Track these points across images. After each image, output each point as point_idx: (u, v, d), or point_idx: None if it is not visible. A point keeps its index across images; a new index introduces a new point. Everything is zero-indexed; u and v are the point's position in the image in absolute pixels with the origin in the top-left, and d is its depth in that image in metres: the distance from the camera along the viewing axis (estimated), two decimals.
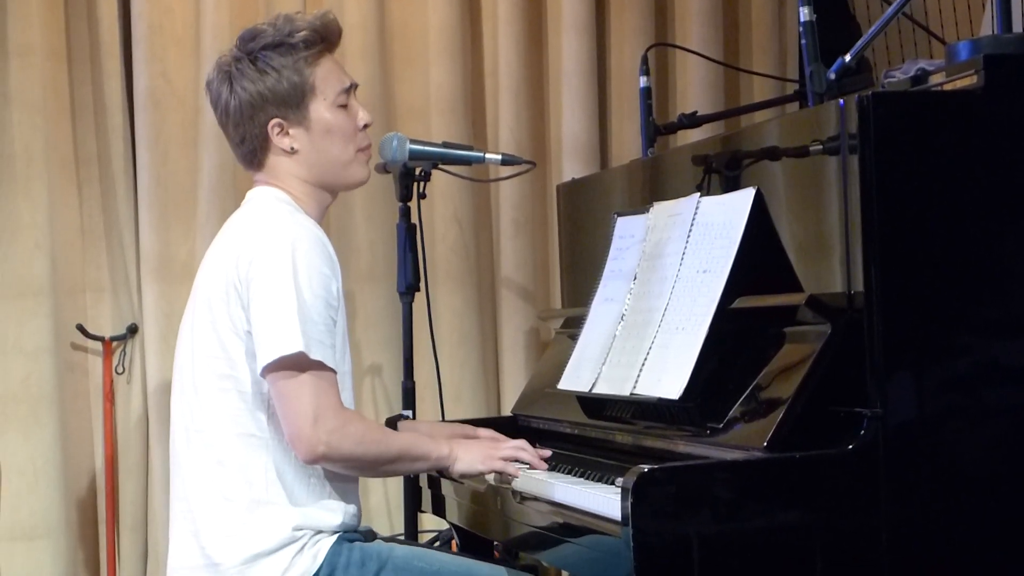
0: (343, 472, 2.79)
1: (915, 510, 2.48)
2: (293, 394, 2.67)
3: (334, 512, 2.77)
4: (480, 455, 2.90)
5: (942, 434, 2.51)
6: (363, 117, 2.93)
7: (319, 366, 2.68)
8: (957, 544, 2.51)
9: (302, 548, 2.72)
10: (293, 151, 2.85)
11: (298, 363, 2.66)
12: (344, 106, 2.89)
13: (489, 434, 3.11)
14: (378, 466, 2.81)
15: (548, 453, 3.01)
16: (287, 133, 2.85)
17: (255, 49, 2.83)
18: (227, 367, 2.75)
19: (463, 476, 2.92)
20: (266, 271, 2.70)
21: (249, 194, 2.93)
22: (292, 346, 2.65)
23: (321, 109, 2.86)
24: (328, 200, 2.94)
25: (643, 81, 3.84)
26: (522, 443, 2.99)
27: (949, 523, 2.50)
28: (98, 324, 4.59)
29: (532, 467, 2.94)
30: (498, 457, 2.91)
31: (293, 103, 2.83)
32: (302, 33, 2.83)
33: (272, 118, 2.83)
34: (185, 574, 2.78)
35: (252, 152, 2.87)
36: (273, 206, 2.84)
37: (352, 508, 2.82)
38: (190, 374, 2.81)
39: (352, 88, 2.92)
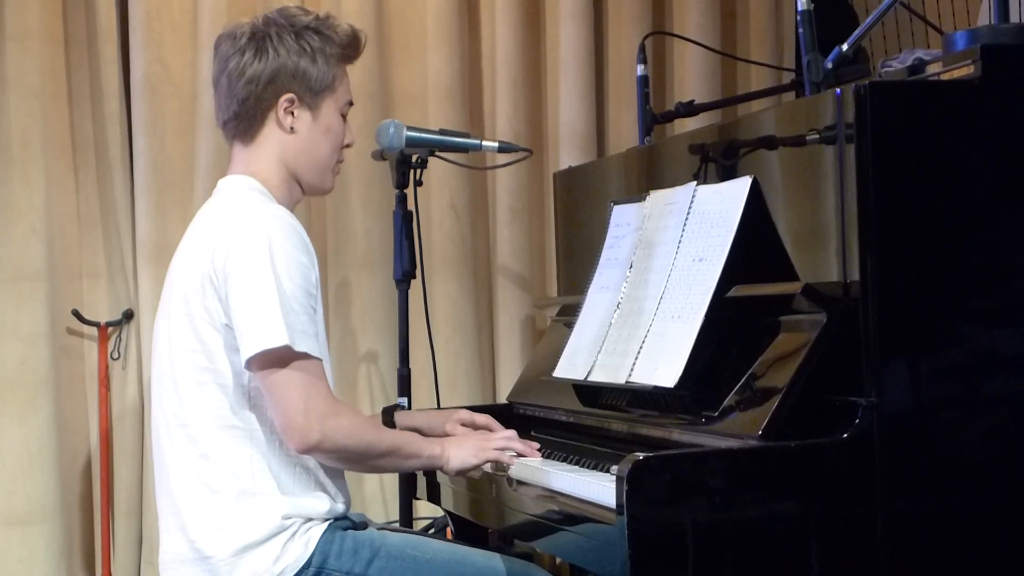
0: (334, 465, 2.78)
1: (910, 498, 2.48)
2: (282, 386, 2.66)
3: (322, 500, 2.76)
4: (472, 449, 2.90)
5: (937, 423, 2.51)
6: (351, 136, 2.96)
7: (305, 357, 2.67)
8: (952, 532, 2.52)
9: (293, 536, 2.71)
10: (291, 131, 2.85)
11: (284, 356, 2.66)
12: (343, 116, 2.91)
13: (485, 420, 3.12)
14: (368, 459, 2.80)
15: (537, 445, 3.01)
16: (293, 112, 2.84)
17: (299, 25, 2.84)
18: (205, 360, 2.74)
19: (459, 473, 2.91)
20: (244, 264, 2.69)
21: (220, 183, 2.91)
22: (277, 340, 2.64)
23: (331, 108, 2.88)
24: (299, 196, 2.93)
25: (640, 69, 3.84)
26: (512, 433, 2.99)
27: (944, 511, 2.51)
28: (94, 310, 4.59)
29: (524, 456, 2.94)
30: (490, 448, 2.91)
31: (315, 89, 2.84)
32: (344, 33, 2.88)
33: (289, 91, 2.83)
34: (177, 567, 2.78)
35: (249, 116, 2.85)
36: (246, 196, 2.82)
37: (341, 496, 2.82)
38: (169, 368, 2.80)
39: (351, 105, 2.94)
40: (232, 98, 2.85)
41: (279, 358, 2.66)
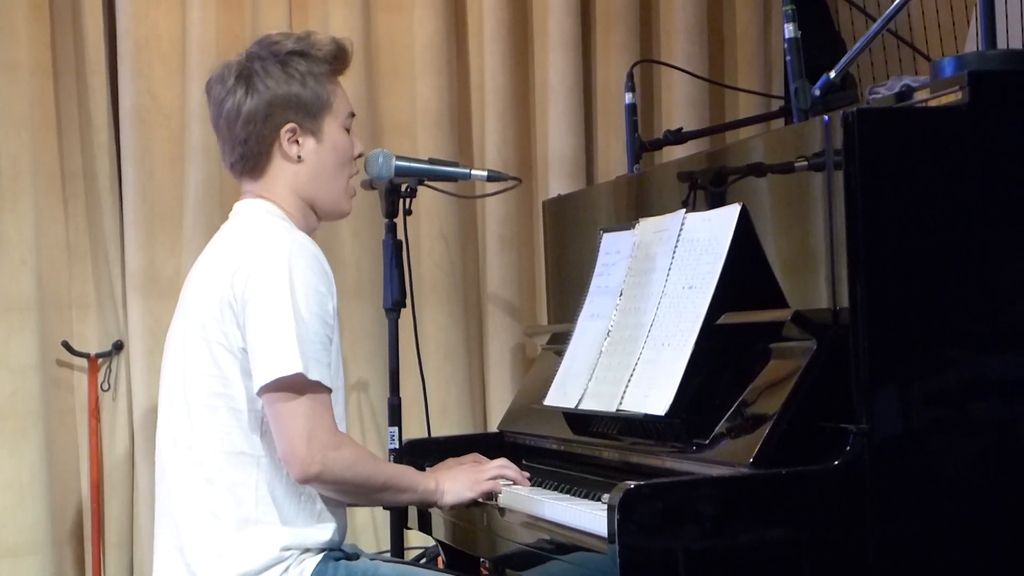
0: (332, 496, 2.77)
1: (901, 525, 2.48)
2: (289, 414, 2.66)
3: (322, 530, 2.76)
4: (466, 482, 2.90)
5: (928, 449, 2.51)
6: (359, 147, 2.94)
7: (316, 387, 2.67)
8: (944, 558, 2.51)
9: (288, 568, 2.70)
10: (299, 159, 2.83)
11: (296, 384, 2.65)
12: (347, 130, 2.89)
13: (472, 458, 3.11)
14: (367, 493, 2.80)
15: (528, 475, 3.01)
16: (297, 141, 2.83)
17: (281, 52, 2.81)
18: (220, 385, 2.73)
19: (453, 507, 2.91)
20: (263, 290, 2.68)
21: (237, 207, 2.89)
22: (291, 367, 2.64)
23: (333, 127, 2.85)
24: (315, 223, 2.91)
25: (628, 97, 3.85)
26: (503, 461, 2.99)
27: (935, 538, 2.50)
28: (84, 340, 4.58)
29: (516, 483, 2.94)
30: (484, 480, 2.91)
31: (312, 112, 2.82)
32: (328, 48, 2.84)
33: (288, 122, 2.81)
34: None
35: (255, 155, 2.83)
36: (266, 220, 2.81)
37: (340, 525, 2.81)
38: (181, 392, 2.79)
39: (353, 116, 2.93)
40: (234, 141, 2.84)
41: (291, 385, 2.65)
